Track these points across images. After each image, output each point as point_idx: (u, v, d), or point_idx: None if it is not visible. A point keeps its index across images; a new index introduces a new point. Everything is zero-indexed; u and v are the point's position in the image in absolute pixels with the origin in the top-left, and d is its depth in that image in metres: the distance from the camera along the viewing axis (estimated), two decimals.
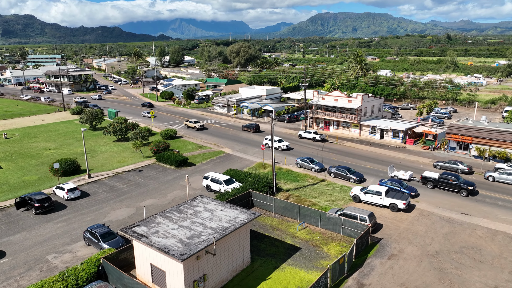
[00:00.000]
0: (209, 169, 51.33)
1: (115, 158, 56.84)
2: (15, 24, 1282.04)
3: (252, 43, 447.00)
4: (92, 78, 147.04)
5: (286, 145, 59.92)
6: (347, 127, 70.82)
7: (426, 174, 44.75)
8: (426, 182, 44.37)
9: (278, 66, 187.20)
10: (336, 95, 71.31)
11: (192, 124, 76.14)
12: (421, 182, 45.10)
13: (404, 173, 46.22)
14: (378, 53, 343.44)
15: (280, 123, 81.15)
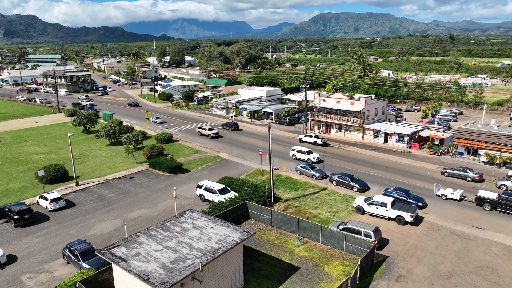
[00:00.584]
0: (204, 176, 48.70)
1: (106, 164, 54.27)
2: (17, 24, 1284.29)
3: (253, 43, 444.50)
4: (89, 79, 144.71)
5: (317, 157, 53.54)
6: (350, 130, 68.09)
7: (481, 194, 38.55)
8: (482, 203, 38.08)
9: (279, 67, 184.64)
10: (338, 97, 68.58)
11: (206, 131, 68.77)
12: (475, 202, 38.85)
13: (453, 192, 40.64)
14: (380, 53, 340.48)
15: (280, 126, 78.47)
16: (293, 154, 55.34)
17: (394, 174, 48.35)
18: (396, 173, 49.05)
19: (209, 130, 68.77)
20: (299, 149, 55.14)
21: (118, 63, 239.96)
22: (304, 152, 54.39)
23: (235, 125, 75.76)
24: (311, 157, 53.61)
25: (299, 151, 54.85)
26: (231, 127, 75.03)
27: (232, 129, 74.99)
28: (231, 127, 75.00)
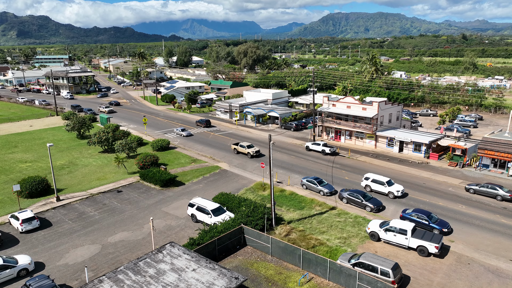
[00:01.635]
0: (200, 190, 44.00)
1: (95, 174, 49.92)
2: (30, 25, 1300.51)
3: (262, 44, 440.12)
4: (92, 80, 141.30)
5: (401, 190, 41.17)
6: (361, 137, 62.81)
7: None
8: None
9: (287, 68, 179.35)
10: (349, 101, 63.33)
11: (244, 149, 57.17)
12: None
13: None
14: (391, 54, 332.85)
15: (286, 132, 73.46)
16: (367, 184, 42.68)
17: (412, 190, 43.04)
18: (414, 188, 43.73)
19: (248, 148, 56.99)
20: (375, 178, 42.15)
21: (124, 63, 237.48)
22: (383, 183, 41.35)
23: (207, 122, 79.43)
24: (393, 190, 40.78)
25: (376, 181, 41.95)
26: (203, 124, 78.81)
27: (205, 125, 78.57)
28: (203, 124, 78.77)
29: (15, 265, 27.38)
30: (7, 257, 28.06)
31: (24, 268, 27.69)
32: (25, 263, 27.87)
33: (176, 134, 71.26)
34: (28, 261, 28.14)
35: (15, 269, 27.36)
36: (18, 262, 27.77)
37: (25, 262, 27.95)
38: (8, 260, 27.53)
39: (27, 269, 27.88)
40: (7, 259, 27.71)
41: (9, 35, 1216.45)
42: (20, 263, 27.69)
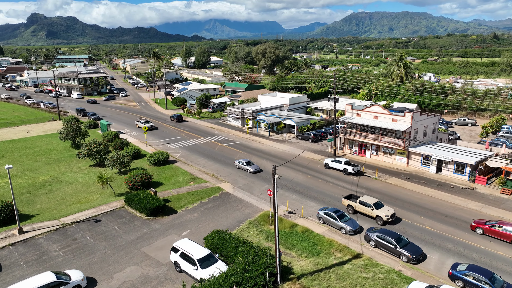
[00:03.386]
0: (193, 221, 36.27)
1: (77, 195, 43.03)
2: (58, 25, 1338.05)
3: (282, 44, 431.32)
4: (104, 81, 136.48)
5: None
6: (390, 153, 53.68)
7: None
8: None
9: (307, 69, 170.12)
10: (377, 111, 54.32)
11: None
12: None
13: None
14: (417, 54, 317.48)
15: (303, 143, 64.98)
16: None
17: (460, 231, 33.93)
18: (462, 227, 34.58)
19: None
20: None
21: (141, 63, 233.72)
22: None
23: (179, 117, 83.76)
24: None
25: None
26: (175, 119, 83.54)
27: (176, 121, 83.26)
28: (175, 119, 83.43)
29: (69, 282, 25.59)
30: (59, 273, 26.16)
31: (77, 284, 25.93)
32: (78, 279, 26.11)
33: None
34: (81, 277, 26.33)
35: (69, 286, 25.49)
36: (71, 278, 25.95)
37: (78, 278, 26.16)
38: (61, 277, 25.57)
39: (80, 286, 26.14)
40: (60, 275, 25.68)
41: (39, 35, 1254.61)
42: (73, 279, 25.88)
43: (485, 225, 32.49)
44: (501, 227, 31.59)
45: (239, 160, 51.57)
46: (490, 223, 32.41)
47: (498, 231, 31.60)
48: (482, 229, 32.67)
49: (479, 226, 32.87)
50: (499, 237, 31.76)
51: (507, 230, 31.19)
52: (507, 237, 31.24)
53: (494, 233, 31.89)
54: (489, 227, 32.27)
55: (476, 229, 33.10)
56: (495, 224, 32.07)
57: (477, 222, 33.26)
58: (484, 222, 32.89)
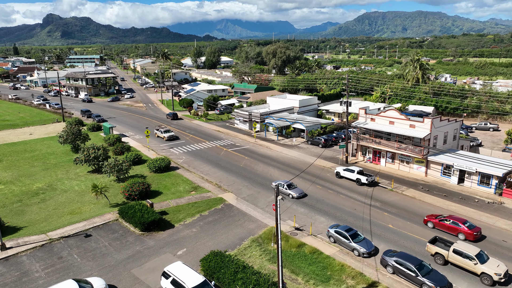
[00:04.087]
0: (191, 237, 33.18)
1: (70, 205, 40.37)
2: (73, 26, 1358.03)
3: (294, 43, 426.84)
4: (111, 81, 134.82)
5: None
6: (407, 161, 49.79)
7: None
8: None
9: (319, 69, 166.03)
10: (392, 116, 50.49)
11: None
12: None
13: None
14: (432, 54, 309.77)
15: (313, 148, 61.44)
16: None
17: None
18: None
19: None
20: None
21: (151, 63, 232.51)
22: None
23: (174, 115, 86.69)
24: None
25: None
26: (170, 116, 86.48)
27: (172, 118, 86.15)
28: (171, 116, 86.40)
29: None
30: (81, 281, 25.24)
31: None
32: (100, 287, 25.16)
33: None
34: (103, 285, 25.35)
35: None
36: (93, 286, 25.02)
37: (100, 286, 25.22)
38: (84, 286, 24.67)
39: None
40: (82, 284, 24.78)
41: (54, 35, 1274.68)
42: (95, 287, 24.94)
43: (435, 219, 34.27)
44: (449, 221, 33.35)
45: (279, 182, 43.05)
46: (440, 217, 34.19)
47: (446, 224, 33.42)
48: (433, 222, 34.33)
49: (430, 220, 34.63)
50: (447, 230, 33.39)
51: (454, 224, 32.89)
52: (453, 230, 32.95)
53: (443, 226, 33.65)
54: (438, 220, 34.00)
55: (427, 223, 34.76)
56: (444, 218, 33.83)
57: (428, 216, 35.10)
58: (435, 216, 34.70)
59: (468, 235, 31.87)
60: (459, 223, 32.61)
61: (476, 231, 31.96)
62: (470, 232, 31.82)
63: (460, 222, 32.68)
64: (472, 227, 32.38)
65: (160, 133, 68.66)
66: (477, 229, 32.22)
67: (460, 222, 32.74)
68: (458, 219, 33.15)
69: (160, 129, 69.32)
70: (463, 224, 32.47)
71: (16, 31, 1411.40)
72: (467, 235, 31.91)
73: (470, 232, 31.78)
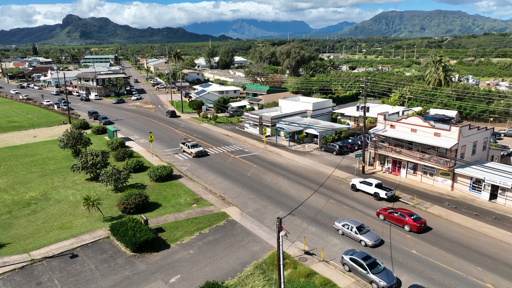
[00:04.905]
0: (188, 261, 29.60)
1: (62, 219, 37.34)
2: (91, 26, 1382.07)
3: (309, 43, 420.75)
4: (122, 82, 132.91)
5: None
6: (431, 173, 45.17)
7: None
8: None
9: (334, 70, 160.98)
10: (415, 122, 45.93)
11: None
12: None
13: None
14: (452, 54, 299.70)
15: (327, 156, 57.22)
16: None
17: None
18: None
19: None
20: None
21: (165, 63, 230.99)
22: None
23: (172, 112, 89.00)
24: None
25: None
26: (169, 114, 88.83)
27: (170, 116, 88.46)
28: (169, 114, 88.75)
29: None
30: None
31: None
32: None
33: None
34: None
35: None
36: None
37: None
38: None
39: None
40: None
41: (73, 36, 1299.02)
42: None
43: (386, 211, 36.14)
44: (397, 213, 35.10)
45: (344, 223, 33.29)
46: (390, 210, 36.06)
47: (394, 216, 35.20)
48: (384, 215, 36.22)
49: (381, 212, 36.56)
50: (395, 222, 35.14)
51: (401, 216, 34.63)
52: (400, 221, 34.70)
53: (391, 218, 35.43)
54: (388, 213, 35.86)
55: (379, 215, 36.68)
56: (394, 211, 35.70)
57: (381, 209, 36.82)
58: (386, 209, 36.54)
59: (412, 227, 33.60)
60: (405, 215, 34.33)
61: (420, 223, 33.56)
62: (414, 224, 33.46)
63: (407, 215, 34.36)
64: (418, 219, 33.92)
65: (186, 147, 58.79)
66: (421, 221, 33.80)
67: (406, 214, 34.45)
68: (405, 212, 34.91)
69: (187, 143, 59.00)
70: (409, 216, 34.12)
71: (37, 32, 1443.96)
72: (411, 226, 33.64)
73: (414, 224, 33.45)
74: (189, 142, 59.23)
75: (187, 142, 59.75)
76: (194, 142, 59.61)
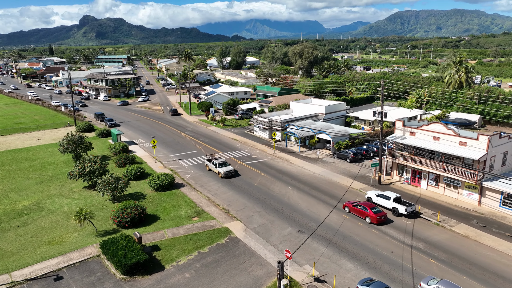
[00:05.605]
0: (184, 285, 26.48)
1: (52, 232, 34.69)
2: (107, 27, 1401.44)
3: (322, 43, 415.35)
4: (131, 83, 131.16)
5: None
6: (455, 186, 41.13)
7: None
8: None
9: (348, 70, 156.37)
10: (437, 130, 41.95)
11: None
12: None
13: None
14: (470, 54, 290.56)
15: (340, 163, 53.51)
16: None
17: None
18: None
19: None
20: None
21: (176, 64, 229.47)
22: None
23: (174, 111, 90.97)
24: None
25: None
26: (171, 112, 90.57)
27: (172, 114, 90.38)
28: (172, 112, 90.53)
29: None
30: None
31: None
32: None
33: None
34: None
35: None
36: None
37: None
38: None
39: None
40: None
41: (89, 36, 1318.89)
42: None
43: (351, 205, 37.79)
44: (361, 206, 36.75)
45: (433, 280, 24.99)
46: (355, 203, 37.68)
47: (357, 209, 37.00)
48: (349, 207, 38.02)
49: (347, 205, 38.24)
50: (358, 214, 36.93)
51: (363, 209, 36.34)
52: (362, 214, 36.46)
53: (355, 211, 37.27)
54: (352, 206, 37.68)
55: (345, 208, 38.39)
56: (358, 204, 37.28)
57: (347, 202, 38.58)
58: (352, 203, 38.08)
59: (372, 219, 35.30)
60: (367, 208, 36.13)
61: (380, 215, 35.19)
62: (374, 216, 35.09)
63: (368, 208, 36.15)
64: (379, 212, 35.63)
65: (213, 166, 49.50)
66: (381, 213, 35.46)
67: (368, 207, 36.24)
68: (367, 205, 36.55)
69: (213, 160, 49.67)
70: (370, 209, 35.86)
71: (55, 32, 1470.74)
72: (371, 218, 35.36)
73: (374, 216, 35.09)
74: (217, 160, 49.85)
75: (213, 159, 50.45)
76: (222, 159, 50.26)
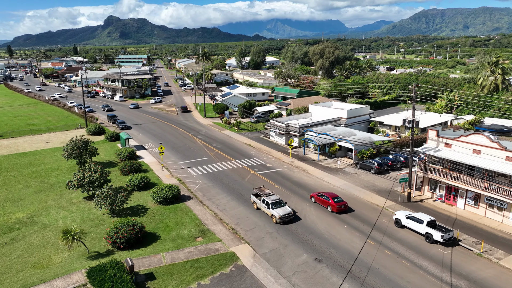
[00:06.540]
0: None
1: (41, 252, 31.34)
2: (130, 27, 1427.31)
3: (344, 43, 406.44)
4: (147, 83, 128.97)
5: None
6: (499, 207, 35.56)
7: None
8: None
9: (371, 71, 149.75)
10: (478, 142, 36.46)
11: None
12: None
13: None
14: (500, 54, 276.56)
15: (364, 174, 48.42)
16: None
17: None
18: None
19: None
20: None
21: (195, 64, 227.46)
22: None
23: (184, 108, 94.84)
24: None
25: None
26: (181, 109, 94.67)
27: (182, 111, 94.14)
28: (181, 109, 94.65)
29: None
30: None
31: None
32: None
33: None
34: None
35: None
36: None
37: None
38: None
39: None
40: None
41: (113, 36, 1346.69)
42: None
43: (316, 195, 39.41)
44: (324, 196, 38.48)
45: None
46: (319, 194, 39.36)
47: (321, 199, 38.70)
48: (314, 197, 39.69)
49: (313, 195, 39.91)
50: (321, 203, 38.64)
51: (326, 198, 38.14)
52: (325, 203, 38.20)
53: (320, 200, 38.86)
54: (317, 195, 39.37)
55: (311, 197, 40.03)
56: (322, 194, 38.96)
57: (313, 193, 40.39)
58: (317, 193, 39.75)
59: (332, 208, 37.13)
60: (329, 198, 37.79)
61: (340, 204, 37.03)
62: (335, 204, 36.93)
63: (330, 198, 37.86)
64: (340, 201, 37.51)
65: (263, 205, 36.79)
66: (342, 203, 37.26)
67: (330, 197, 37.95)
68: (330, 195, 38.30)
69: (264, 198, 36.88)
70: (332, 199, 37.61)
71: (81, 33, 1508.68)
72: (332, 207, 37.14)
73: (334, 205, 36.94)
74: (268, 197, 36.93)
75: (264, 195, 37.52)
76: (276, 197, 37.08)
